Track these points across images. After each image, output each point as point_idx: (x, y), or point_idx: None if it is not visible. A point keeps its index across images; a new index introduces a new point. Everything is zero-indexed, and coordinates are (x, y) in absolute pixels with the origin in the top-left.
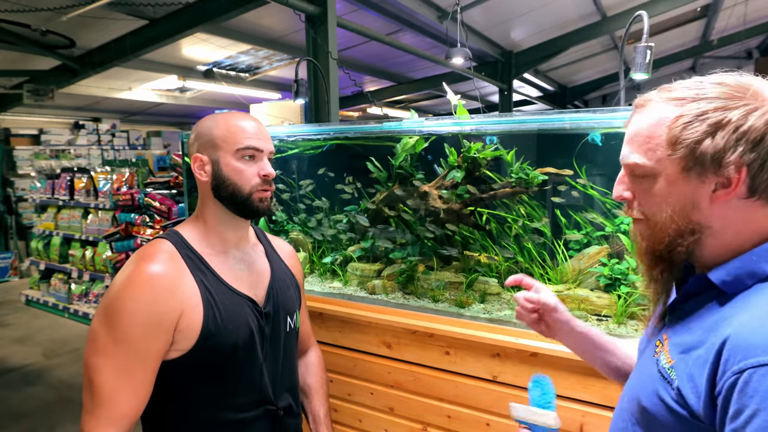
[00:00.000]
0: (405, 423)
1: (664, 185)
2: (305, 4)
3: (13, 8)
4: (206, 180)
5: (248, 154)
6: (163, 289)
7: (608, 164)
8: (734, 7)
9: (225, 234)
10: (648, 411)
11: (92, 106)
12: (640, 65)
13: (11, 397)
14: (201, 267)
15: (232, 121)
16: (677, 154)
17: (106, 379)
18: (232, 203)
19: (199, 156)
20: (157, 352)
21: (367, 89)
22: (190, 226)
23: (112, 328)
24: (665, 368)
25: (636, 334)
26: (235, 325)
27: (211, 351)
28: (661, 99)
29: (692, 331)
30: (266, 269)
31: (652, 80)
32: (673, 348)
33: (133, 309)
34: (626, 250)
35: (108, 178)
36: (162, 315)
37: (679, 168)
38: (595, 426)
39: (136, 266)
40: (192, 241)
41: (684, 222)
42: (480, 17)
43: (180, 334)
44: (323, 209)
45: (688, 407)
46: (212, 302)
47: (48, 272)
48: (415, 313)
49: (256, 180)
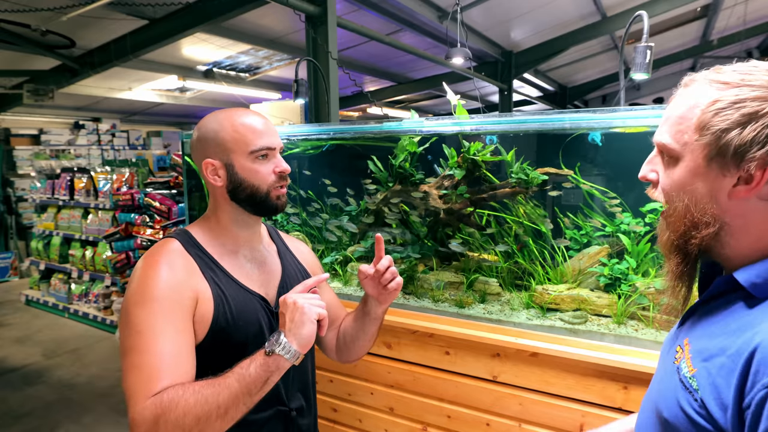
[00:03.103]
0: (405, 423)
1: (686, 171)
2: (305, 4)
3: (13, 8)
4: (221, 185)
5: (262, 154)
6: (181, 272)
7: (608, 164)
8: (734, 7)
9: (238, 233)
10: (669, 423)
11: (92, 106)
12: (640, 65)
13: (11, 397)
14: (211, 265)
15: (238, 120)
16: (702, 140)
17: (152, 331)
18: (251, 204)
19: (210, 162)
20: (189, 307)
21: (367, 89)
22: (200, 226)
23: (143, 295)
24: (687, 377)
25: (636, 334)
26: (246, 322)
27: (220, 345)
28: (706, 80)
29: (714, 336)
30: (277, 268)
31: (652, 80)
32: (696, 355)
33: (159, 278)
34: (626, 250)
35: (108, 178)
36: (183, 292)
37: (703, 155)
38: (595, 426)
39: (147, 262)
40: (202, 241)
41: (699, 213)
42: (480, 17)
43: (195, 325)
44: (335, 206)
45: (713, 421)
46: (223, 298)
47: (48, 272)
48: (415, 313)
49: (272, 178)
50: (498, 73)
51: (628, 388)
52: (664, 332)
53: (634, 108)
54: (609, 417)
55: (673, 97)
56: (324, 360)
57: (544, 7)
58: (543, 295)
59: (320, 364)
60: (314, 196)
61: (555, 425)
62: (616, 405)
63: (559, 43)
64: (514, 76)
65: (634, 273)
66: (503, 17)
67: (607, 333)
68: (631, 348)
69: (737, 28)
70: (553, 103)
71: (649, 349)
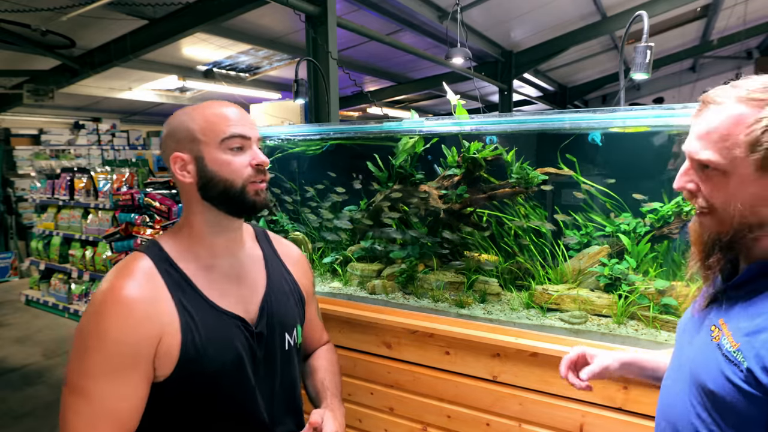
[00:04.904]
0: (405, 423)
1: (737, 182)
2: (305, 4)
3: (13, 8)
4: (191, 181)
5: (235, 144)
6: (138, 315)
7: (607, 163)
8: (734, 7)
9: (215, 241)
10: (716, 394)
11: (92, 106)
12: (640, 65)
13: (11, 397)
14: (181, 284)
15: (209, 110)
16: (755, 156)
17: (102, 379)
18: (224, 202)
19: (179, 155)
20: (148, 353)
21: (367, 89)
22: (173, 237)
23: (100, 337)
24: (731, 352)
25: (636, 334)
26: (218, 349)
27: (192, 378)
28: (736, 98)
29: (754, 316)
30: (261, 280)
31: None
32: (736, 332)
33: (120, 319)
34: (626, 250)
35: (108, 178)
36: (145, 333)
37: (754, 168)
38: (595, 426)
39: (111, 288)
40: (174, 255)
41: (754, 217)
42: (480, 17)
43: (159, 361)
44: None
45: (760, 386)
46: (191, 325)
47: (48, 272)
48: (415, 313)
49: (248, 171)
50: (498, 73)
51: (628, 388)
52: (664, 332)
53: (634, 108)
54: (609, 417)
55: (700, 113)
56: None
57: (544, 7)
58: (543, 295)
59: None
60: (315, 195)
61: (555, 425)
62: (616, 405)
63: (559, 43)
64: (514, 76)
65: (634, 273)
66: (503, 17)
67: (607, 333)
68: (631, 348)
69: (737, 28)
70: (553, 103)
71: (649, 349)
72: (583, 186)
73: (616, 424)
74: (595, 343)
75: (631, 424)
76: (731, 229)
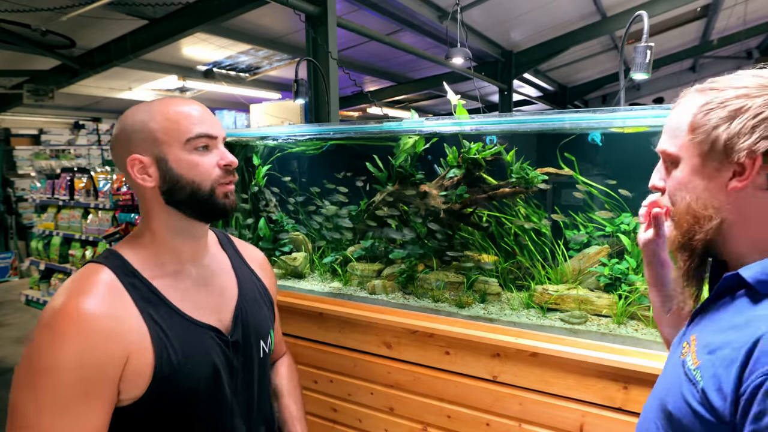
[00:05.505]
0: (405, 423)
1: (685, 172)
2: (305, 4)
3: (13, 8)
4: (152, 185)
5: (201, 144)
6: (101, 333)
7: (608, 164)
8: (734, 7)
9: (179, 247)
10: (673, 416)
11: (92, 106)
12: (640, 65)
13: None
14: (149, 297)
15: (170, 107)
16: (696, 139)
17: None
18: (192, 206)
19: (137, 157)
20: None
21: (367, 89)
22: (133, 244)
23: (37, 391)
24: (690, 370)
25: (636, 334)
26: (195, 365)
27: (165, 397)
28: (696, 89)
29: (721, 331)
30: (232, 286)
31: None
32: (701, 349)
33: (76, 341)
34: (626, 250)
35: (108, 178)
36: (103, 367)
37: (697, 154)
38: (595, 426)
39: (65, 305)
40: (137, 264)
41: (701, 208)
42: (480, 17)
43: (126, 383)
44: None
45: (713, 410)
46: (165, 341)
47: (48, 272)
48: (415, 313)
49: (216, 172)
50: (498, 73)
51: (628, 388)
52: None
53: (634, 108)
54: (609, 417)
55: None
56: (324, 360)
57: (544, 7)
58: (543, 295)
59: (320, 363)
60: (316, 195)
61: (555, 425)
62: (616, 405)
63: (559, 43)
64: (514, 76)
65: (634, 273)
66: (503, 17)
67: (607, 333)
68: (632, 348)
69: (737, 28)
70: (553, 103)
71: (649, 349)
72: (583, 186)
73: (616, 424)
74: (595, 344)
75: (631, 424)
76: (685, 225)
